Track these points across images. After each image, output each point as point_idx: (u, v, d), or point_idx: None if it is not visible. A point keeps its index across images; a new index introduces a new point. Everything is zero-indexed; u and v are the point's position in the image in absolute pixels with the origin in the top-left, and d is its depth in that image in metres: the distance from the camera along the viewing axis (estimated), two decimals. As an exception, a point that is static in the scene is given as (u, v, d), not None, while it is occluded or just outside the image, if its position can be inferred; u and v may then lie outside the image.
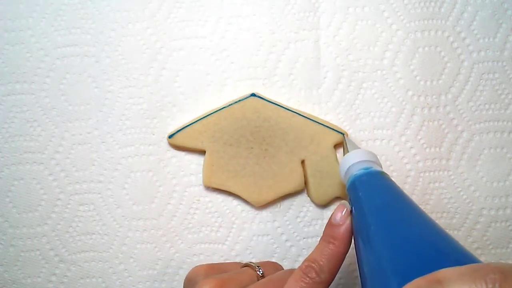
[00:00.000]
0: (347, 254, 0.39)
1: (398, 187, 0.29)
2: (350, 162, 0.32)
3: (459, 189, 0.40)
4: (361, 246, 0.27)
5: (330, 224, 0.30)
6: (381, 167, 0.32)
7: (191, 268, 0.35)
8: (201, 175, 0.39)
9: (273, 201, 0.39)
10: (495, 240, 0.40)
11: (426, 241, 0.23)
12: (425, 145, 0.40)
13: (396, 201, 0.27)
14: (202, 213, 0.39)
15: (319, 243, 0.30)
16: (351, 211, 0.29)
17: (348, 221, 0.29)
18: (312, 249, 0.39)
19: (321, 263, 0.29)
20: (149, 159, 0.40)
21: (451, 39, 0.41)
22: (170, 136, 0.39)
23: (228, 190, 0.39)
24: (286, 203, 0.40)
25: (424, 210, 0.39)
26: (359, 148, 0.34)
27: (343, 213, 0.29)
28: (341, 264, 0.30)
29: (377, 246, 0.25)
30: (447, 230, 0.39)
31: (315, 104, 0.40)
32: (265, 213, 0.39)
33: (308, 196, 0.39)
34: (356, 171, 0.31)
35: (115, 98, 0.40)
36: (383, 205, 0.27)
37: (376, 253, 0.25)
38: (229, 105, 0.39)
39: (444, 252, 0.23)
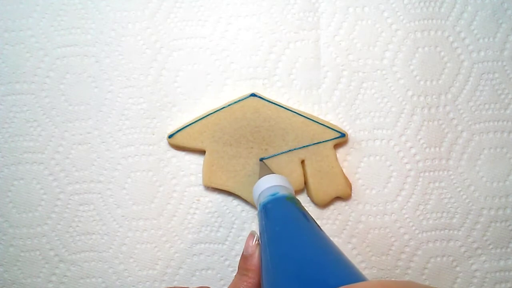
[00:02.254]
0: (347, 254, 0.39)
1: (301, 211, 0.29)
2: (259, 189, 0.32)
3: (459, 189, 0.40)
4: (262, 274, 0.26)
5: (243, 256, 0.29)
6: (291, 189, 0.32)
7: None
8: (201, 175, 0.39)
9: (273, 201, 0.39)
10: (495, 240, 0.40)
11: (318, 268, 0.23)
12: (425, 145, 0.40)
13: (293, 228, 0.27)
14: (202, 213, 0.39)
15: (235, 277, 0.29)
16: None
17: (258, 251, 0.28)
18: (312, 249, 0.39)
19: None
20: (149, 159, 0.40)
21: (451, 39, 0.41)
22: (170, 136, 0.39)
23: (228, 190, 0.39)
24: (286, 203, 0.40)
25: (424, 210, 0.39)
26: (271, 173, 0.34)
27: (253, 243, 0.29)
28: None
29: (271, 275, 0.25)
30: (447, 230, 0.40)
31: (315, 104, 0.40)
32: (265, 213, 0.39)
33: (308, 196, 0.39)
34: (263, 198, 0.31)
35: (115, 98, 0.40)
36: (280, 233, 0.27)
37: (270, 281, 0.25)
38: (229, 105, 0.39)
39: (335, 274, 0.23)
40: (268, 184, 0.31)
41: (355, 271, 0.23)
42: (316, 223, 0.28)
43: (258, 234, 0.29)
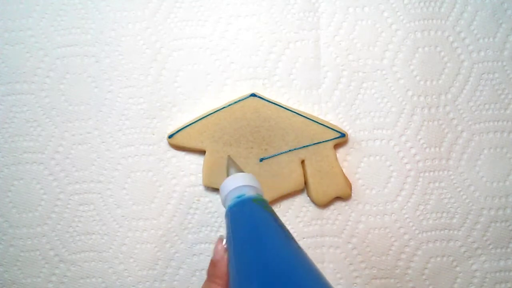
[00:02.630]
0: (347, 254, 0.39)
1: (268, 214, 0.28)
2: (226, 190, 0.30)
3: (459, 189, 0.40)
4: (229, 281, 0.26)
5: (211, 262, 0.29)
6: (259, 189, 0.30)
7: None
8: (201, 175, 0.39)
9: (273, 201, 0.39)
10: (495, 240, 0.40)
11: (282, 275, 0.23)
12: (425, 145, 0.40)
13: (258, 232, 0.27)
14: (202, 213, 0.39)
15: (203, 284, 0.29)
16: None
17: (226, 256, 0.28)
18: (312, 249, 0.39)
19: None
20: (149, 159, 0.40)
21: (451, 39, 0.41)
22: (170, 136, 0.39)
23: (228, 190, 0.39)
24: (286, 203, 0.40)
25: (424, 210, 0.39)
26: (238, 171, 0.32)
27: (221, 248, 0.28)
28: None
29: (235, 281, 0.25)
30: (447, 230, 0.40)
31: (315, 104, 0.40)
32: (265, 213, 0.39)
33: (308, 196, 0.39)
34: (229, 200, 0.29)
35: (115, 98, 0.40)
36: (244, 238, 0.27)
37: (235, 284, 0.25)
38: (229, 105, 0.39)
39: (299, 280, 0.22)
40: (234, 185, 0.30)
41: (318, 275, 0.22)
42: (283, 226, 0.27)
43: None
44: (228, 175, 0.31)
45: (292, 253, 0.24)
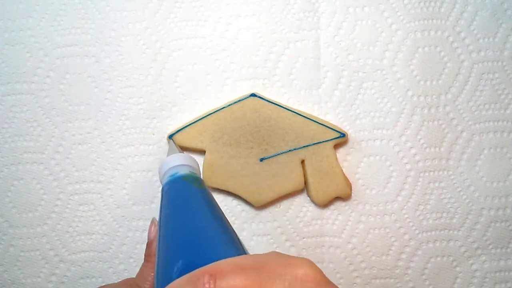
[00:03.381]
0: (347, 254, 0.39)
1: (198, 189, 0.28)
2: (162, 172, 0.31)
3: (459, 189, 0.40)
4: (157, 255, 0.26)
5: (147, 244, 0.30)
6: (194, 166, 0.31)
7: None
8: (201, 175, 0.39)
9: (273, 201, 0.39)
10: (495, 240, 0.40)
11: (203, 247, 0.23)
12: (425, 145, 0.40)
13: (182, 208, 0.27)
14: (202, 213, 0.39)
15: (142, 265, 0.30)
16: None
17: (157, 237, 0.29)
18: (312, 249, 0.39)
19: (146, 286, 0.29)
20: (149, 159, 0.40)
21: (451, 39, 0.41)
22: (170, 136, 0.39)
23: (228, 190, 0.39)
24: (286, 203, 0.40)
25: (424, 210, 0.39)
26: (177, 152, 0.33)
27: (153, 229, 0.29)
28: None
29: (156, 257, 0.25)
30: (447, 230, 0.40)
31: (315, 104, 0.40)
32: (265, 213, 0.39)
33: (308, 196, 0.39)
34: (164, 180, 0.30)
35: (115, 98, 0.40)
36: (169, 214, 0.27)
37: (156, 264, 0.25)
38: (229, 105, 0.39)
39: (218, 249, 0.23)
40: (168, 166, 0.31)
41: (239, 250, 0.22)
42: (212, 200, 0.28)
43: None
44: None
45: (212, 226, 0.25)
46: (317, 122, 0.39)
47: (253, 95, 0.39)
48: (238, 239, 0.24)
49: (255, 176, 0.38)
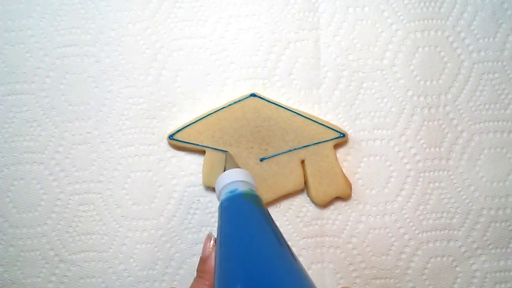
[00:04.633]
0: (347, 254, 0.39)
1: (258, 209, 0.28)
2: (220, 185, 0.30)
3: (459, 189, 0.40)
4: (215, 276, 0.26)
5: (200, 259, 0.29)
6: (253, 184, 0.31)
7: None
8: (201, 175, 0.39)
9: (273, 201, 0.39)
10: (495, 240, 0.40)
11: (264, 273, 0.23)
12: (425, 145, 0.40)
13: (245, 228, 0.27)
14: (202, 213, 0.39)
15: (193, 280, 0.29)
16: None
17: (214, 253, 0.28)
18: (312, 249, 0.39)
19: None
20: (149, 159, 0.40)
21: (451, 39, 0.41)
22: (170, 136, 0.39)
23: (228, 190, 0.39)
24: (286, 203, 0.40)
25: (424, 210, 0.39)
26: (236, 166, 0.32)
27: (210, 245, 0.28)
28: None
29: (218, 276, 0.24)
30: (447, 230, 0.40)
31: (315, 104, 0.40)
32: (265, 213, 0.39)
33: (308, 196, 0.39)
34: (222, 195, 0.30)
35: (115, 98, 0.40)
36: (231, 233, 0.27)
37: (217, 283, 0.24)
38: (229, 105, 0.39)
39: (281, 279, 0.22)
40: (228, 180, 0.30)
41: (303, 276, 0.22)
42: (272, 221, 0.27)
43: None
44: (224, 171, 0.32)
45: (276, 250, 0.24)
46: (317, 122, 0.39)
47: (253, 95, 0.39)
48: (301, 266, 0.23)
49: (255, 176, 0.38)
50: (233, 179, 0.30)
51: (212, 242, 0.29)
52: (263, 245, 0.25)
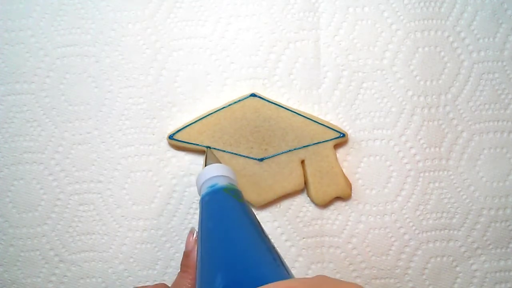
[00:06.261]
0: (347, 254, 0.39)
1: (238, 203, 0.28)
2: (200, 181, 0.31)
3: (459, 189, 0.40)
4: (198, 268, 0.26)
5: (184, 253, 0.29)
6: (233, 179, 0.31)
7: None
8: (201, 175, 0.39)
9: (273, 201, 0.39)
10: (495, 240, 0.40)
11: (242, 266, 0.23)
12: (425, 145, 0.40)
13: (225, 221, 0.27)
14: (202, 213, 0.39)
15: (177, 275, 0.29)
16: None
17: (196, 247, 0.28)
18: (312, 249, 0.39)
19: None
20: (149, 159, 0.40)
21: (451, 39, 0.41)
22: (170, 136, 0.39)
23: (228, 190, 0.39)
24: (286, 203, 0.40)
25: (424, 210, 0.39)
26: (215, 162, 0.32)
27: (192, 239, 0.29)
28: None
29: (199, 270, 0.25)
30: (447, 230, 0.40)
31: (315, 104, 0.40)
32: (265, 213, 0.39)
33: (308, 196, 0.39)
34: (203, 191, 0.30)
35: (115, 98, 0.40)
36: (211, 227, 0.27)
37: (198, 277, 0.24)
38: (229, 105, 0.39)
39: (259, 272, 0.22)
40: (208, 176, 0.30)
41: (282, 268, 0.22)
42: (253, 215, 0.27)
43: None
44: (204, 166, 0.32)
45: (256, 243, 0.25)
46: (317, 122, 0.39)
47: (253, 95, 0.39)
48: (281, 258, 0.24)
49: (255, 176, 0.38)
50: (213, 174, 0.30)
51: (194, 236, 0.29)
52: (242, 238, 0.25)
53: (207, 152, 0.36)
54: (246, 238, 0.25)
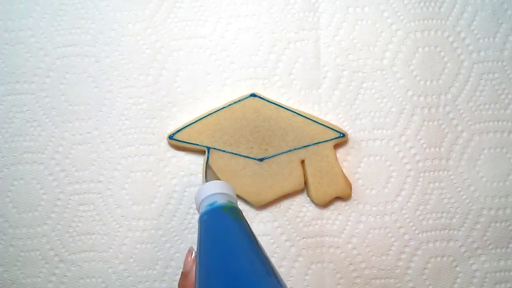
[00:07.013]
0: (347, 254, 0.39)
1: (237, 222, 0.28)
2: (200, 199, 0.30)
3: (459, 189, 0.40)
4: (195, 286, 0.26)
5: (182, 273, 0.29)
6: (232, 196, 0.31)
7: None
8: (201, 175, 0.39)
9: (273, 201, 0.39)
10: (495, 240, 0.40)
11: (243, 286, 0.23)
12: (425, 145, 0.40)
13: (223, 241, 0.27)
14: (202, 213, 0.39)
15: None
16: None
17: (194, 267, 0.28)
18: (312, 249, 0.39)
19: None
20: (149, 159, 0.40)
21: (451, 39, 0.41)
22: (170, 136, 0.39)
23: (228, 190, 0.39)
24: (286, 203, 0.40)
25: (424, 210, 0.39)
26: (215, 179, 0.32)
27: (190, 259, 0.29)
28: None
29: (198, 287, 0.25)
30: (447, 230, 0.40)
31: (315, 104, 0.40)
32: (265, 213, 0.39)
33: (308, 196, 0.39)
34: (202, 208, 0.30)
35: (115, 98, 0.40)
36: (210, 247, 0.27)
37: None
38: (229, 105, 0.39)
39: None
40: (207, 193, 0.30)
41: (278, 283, 0.22)
42: (251, 233, 0.27)
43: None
44: (203, 183, 0.32)
45: (254, 264, 0.25)
46: (317, 122, 0.39)
47: (253, 95, 0.39)
48: (280, 279, 0.24)
49: (255, 176, 0.38)
50: (212, 191, 0.30)
51: (193, 256, 0.29)
52: (240, 260, 0.25)
53: (206, 169, 0.36)
54: (244, 260, 0.25)
